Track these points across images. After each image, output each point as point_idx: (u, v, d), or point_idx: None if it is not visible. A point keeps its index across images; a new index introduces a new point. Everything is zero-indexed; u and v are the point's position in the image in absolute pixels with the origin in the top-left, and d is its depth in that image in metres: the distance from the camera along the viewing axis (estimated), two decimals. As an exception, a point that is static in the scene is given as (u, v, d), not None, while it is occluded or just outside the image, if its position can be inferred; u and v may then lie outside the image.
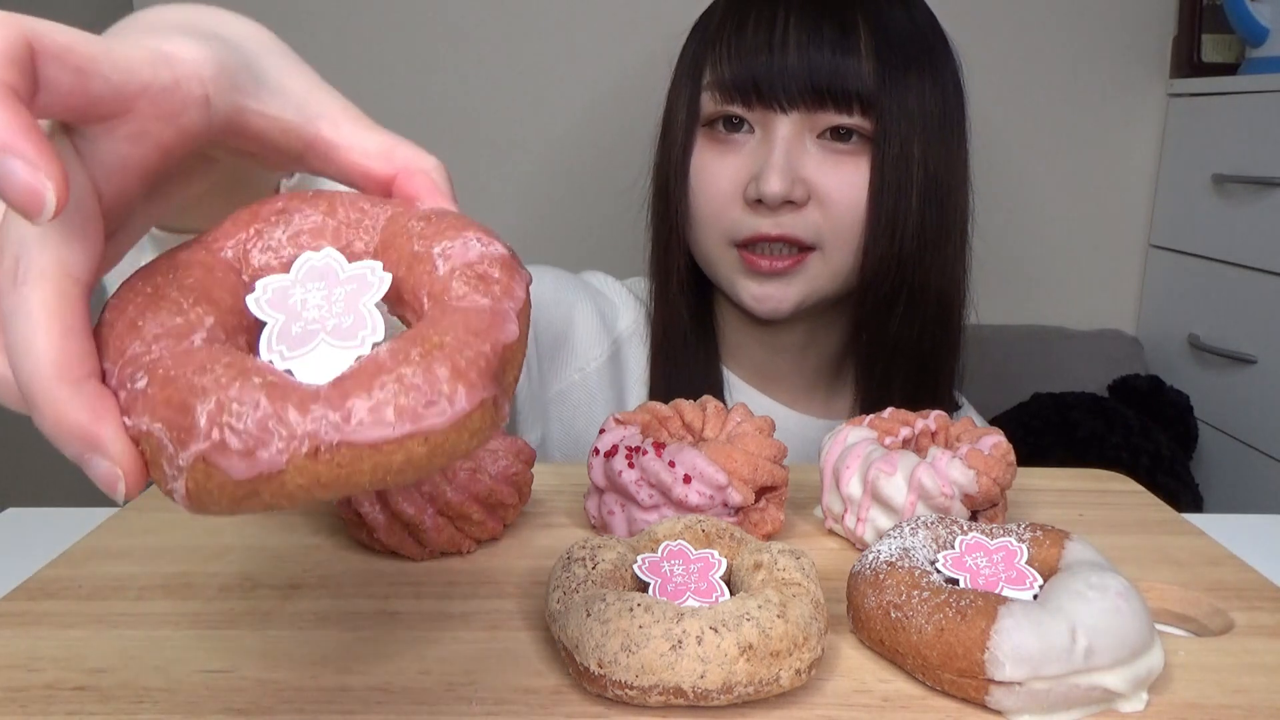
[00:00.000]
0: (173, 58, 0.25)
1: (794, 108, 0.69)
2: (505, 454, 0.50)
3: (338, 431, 0.22)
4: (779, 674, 0.35)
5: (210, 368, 0.23)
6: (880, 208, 0.70)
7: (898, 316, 0.74)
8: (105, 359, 0.24)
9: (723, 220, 0.73)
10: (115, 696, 0.36)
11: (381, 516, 0.47)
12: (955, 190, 0.74)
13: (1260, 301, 1.25)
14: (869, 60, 0.68)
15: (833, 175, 0.70)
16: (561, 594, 0.38)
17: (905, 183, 0.70)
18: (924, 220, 0.71)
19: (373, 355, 0.24)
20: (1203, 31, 1.38)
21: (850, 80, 0.68)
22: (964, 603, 0.37)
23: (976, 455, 0.49)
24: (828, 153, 0.70)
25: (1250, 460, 1.27)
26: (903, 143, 0.70)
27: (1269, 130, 1.22)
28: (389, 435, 0.22)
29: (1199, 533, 0.54)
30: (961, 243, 0.76)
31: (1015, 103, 1.40)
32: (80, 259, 0.23)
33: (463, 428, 0.23)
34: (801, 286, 0.73)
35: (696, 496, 0.47)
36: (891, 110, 0.69)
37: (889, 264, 0.72)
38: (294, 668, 0.38)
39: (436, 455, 0.23)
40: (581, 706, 0.36)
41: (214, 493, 0.22)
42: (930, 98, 0.71)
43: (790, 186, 0.69)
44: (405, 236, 0.27)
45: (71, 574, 0.46)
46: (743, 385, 0.84)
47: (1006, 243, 1.44)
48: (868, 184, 0.70)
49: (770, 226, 0.71)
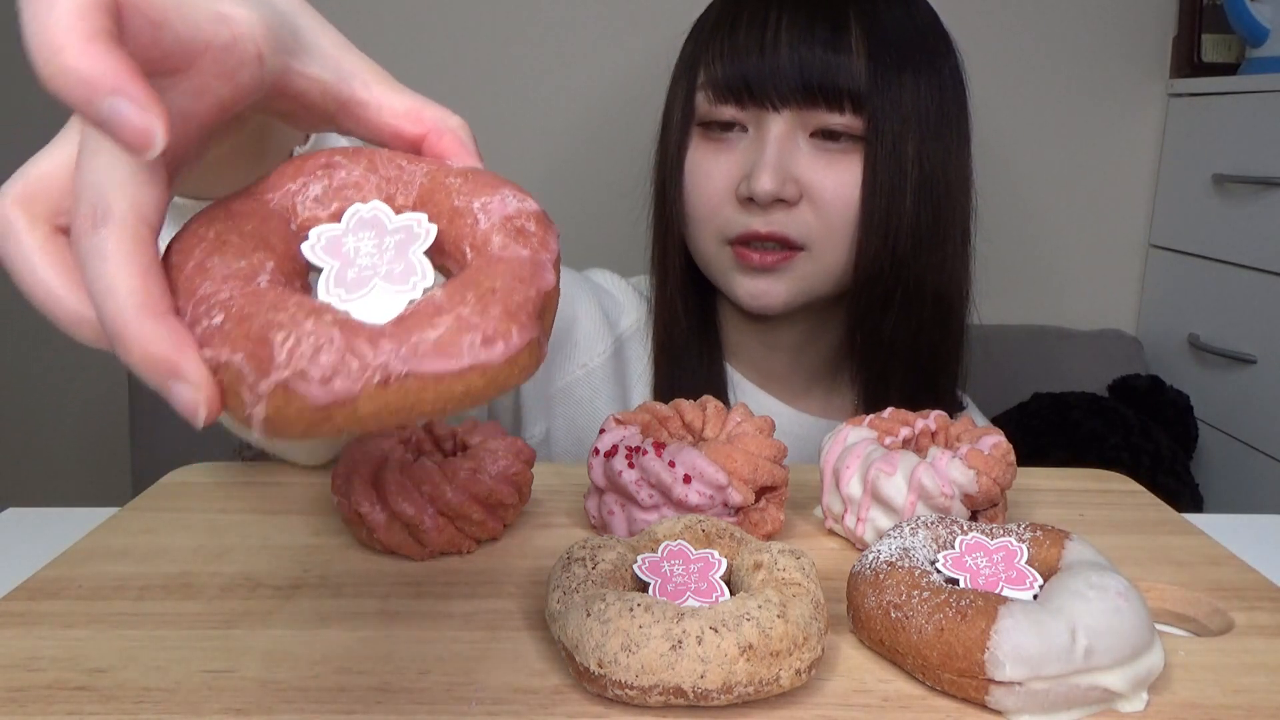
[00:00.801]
0: (229, 17, 0.26)
1: (785, 106, 0.69)
2: (505, 454, 0.50)
3: (405, 364, 0.24)
4: (779, 674, 0.35)
5: (283, 306, 0.25)
6: (872, 207, 0.70)
7: (893, 316, 0.74)
8: (177, 298, 0.26)
9: (717, 218, 0.73)
10: (115, 696, 0.36)
11: (381, 516, 0.47)
12: (955, 189, 0.74)
13: (1260, 301, 1.25)
14: (861, 59, 0.68)
15: (825, 174, 0.70)
16: (561, 594, 0.38)
17: (899, 182, 0.70)
18: (919, 220, 0.71)
19: (429, 298, 0.26)
20: (1203, 31, 1.38)
21: (841, 79, 0.68)
22: (964, 603, 0.37)
23: (976, 455, 0.49)
24: (820, 151, 0.71)
25: (1250, 460, 1.27)
26: (896, 141, 0.69)
27: (1269, 130, 1.22)
28: (451, 368, 0.25)
29: (1199, 533, 0.54)
30: (963, 243, 0.76)
31: (1015, 102, 1.40)
32: (152, 204, 0.25)
33: (514, 364, 0.26)
34: (791, 283, 0.73)
35: (696, 496, 0.47)
36: (884, 109, 0.69)
37: (883, 263, 0.71)
38: (294, 668, 0.38)
39: (490, 388, 0.26)
40: (581, 706, 0.36)
41: (291, 418, 0.25)
42: (926, 96, 0.71)
43: (781, 185, 0.69)
44: (444, 192, 0.30)
45: (71, 574, 0.46)
46: (745, 383, 0.84)
47: (1006, 242, 1.44)
48: (860, 183, 0.70)
49: (761, 224, 0.71)
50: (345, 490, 0.48)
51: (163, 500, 0.56)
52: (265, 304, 0.25)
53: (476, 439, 0.52)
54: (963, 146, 0.75)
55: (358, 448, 0.50)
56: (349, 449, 0.51)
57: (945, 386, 0.79)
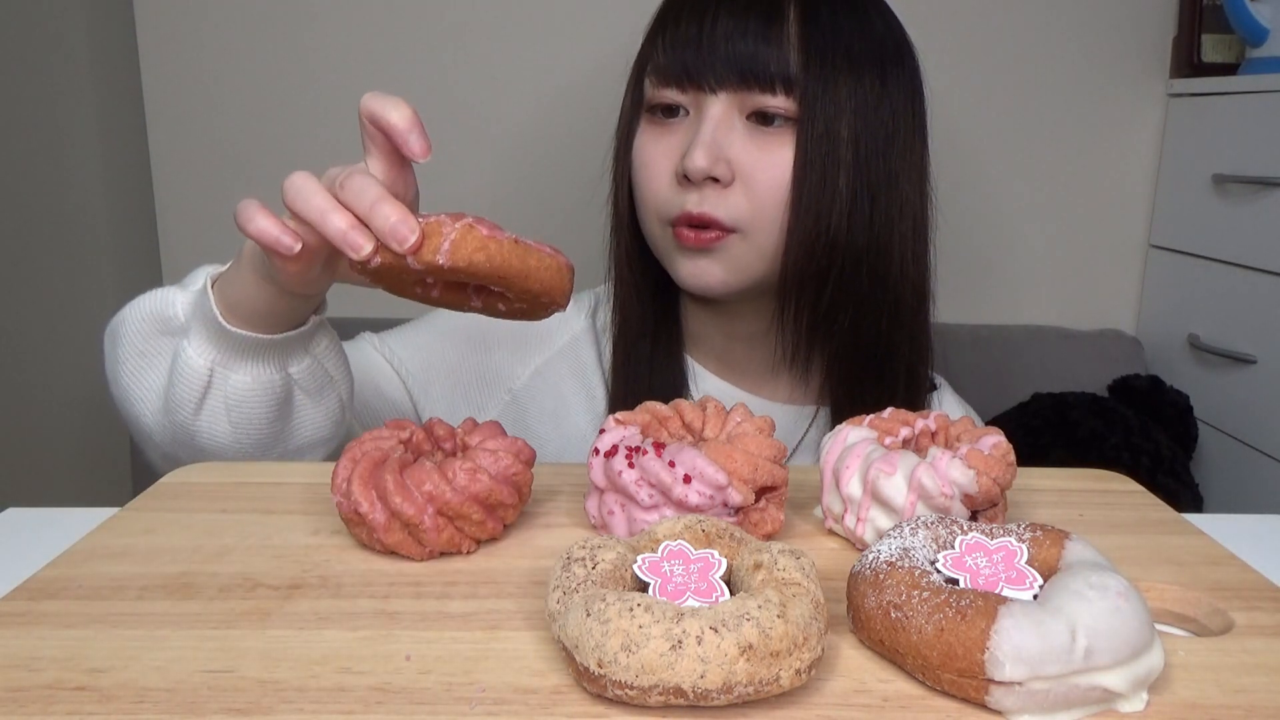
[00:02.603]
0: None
1: (721, 88, 0.71)
2: (505, 454, 0.50)
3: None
4: (779, 674, 0.35)
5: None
6: (803, 185, 0.71)
7: (828, 296, 0.75)
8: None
9: (658, 199, 0.75)
10: (115, 696, 0.36)
11: (381, 516, 0.47)
12: (901, 180, 0.75)
13: (1260, 301, 1.24)
14: (794, 44, 0.71)
15: (758, 155, 0.72)
16: (561, 594, 0.38)
17: (831, 164, 0.71)
18: (855, 204, 0.72)
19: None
20: (1203, 31, 1.38)
21: (773, 61, 0.70)
22: (964, 603, 0.37)
23: (976, 455, 0.49)
24: (755, 133, 0.72)
25: (1250, 460, 1.27)
26: (829, 123, 0.71)
27: (1269, 130, 1.22)
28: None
29: (1199, 533, 0.54)
30: (916, 236, 0.78)
31: (1015, 102, 1.40)
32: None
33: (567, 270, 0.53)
34: (727, 264, 0.75)
35: (696, 496, 0.47)
36: (816, 91, 0.70)
37: (815, 242, 0.72)
38: (294, 668, 0.38)
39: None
40: (581, 706, 0.36)
41: (469, 243, 0.48)
42: (868, 89, 0.72)
43: (713, 163, 0.71)
44: None
45: (71, 574, 0.46)
46: (706, 374, 0.85)
47: (1006, 242, 1.44)
48: (793, 165, 0.72)
49: (694, 204, 0.73)
50: (345, 490, 0.48)
51: (163, 500, 0.56)
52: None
53: (476, 439, 0.52)
54: (913, 143, 0.77)
55: (357, 447, 0.50)
56: (349, 449, 0.51)
57: (897, 374, 0.79)
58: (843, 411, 0.79)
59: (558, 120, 1.37)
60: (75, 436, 1.56)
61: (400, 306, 0.66)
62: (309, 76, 1.34)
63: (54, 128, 1.45)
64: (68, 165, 1.46)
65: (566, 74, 1.36)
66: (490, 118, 1.37)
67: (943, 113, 1.38)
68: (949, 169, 1.39)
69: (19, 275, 1.50)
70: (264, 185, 1.36)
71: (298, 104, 1.35)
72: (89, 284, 1.51)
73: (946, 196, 1.40)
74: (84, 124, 1.45)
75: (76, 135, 1.45)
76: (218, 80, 1.34)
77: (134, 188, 1.46)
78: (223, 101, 1.35)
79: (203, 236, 1.38)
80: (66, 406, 1.55)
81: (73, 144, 1.46)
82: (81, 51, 1.43)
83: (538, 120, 1.37)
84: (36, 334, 1.52)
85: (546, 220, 1.38)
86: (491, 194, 1.39)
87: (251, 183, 1.37)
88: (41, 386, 1.54)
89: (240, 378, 0.62)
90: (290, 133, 1.36)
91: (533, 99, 1.37)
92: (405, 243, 0.47)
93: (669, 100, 0.74)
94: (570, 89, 1.36)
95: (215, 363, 0.62)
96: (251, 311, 0.61)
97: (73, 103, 1.44)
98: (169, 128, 1.35)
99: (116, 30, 1.41)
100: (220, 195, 1.37)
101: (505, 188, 1.39)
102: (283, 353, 0.63)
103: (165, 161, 1.36)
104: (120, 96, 1.43)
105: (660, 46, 0.74)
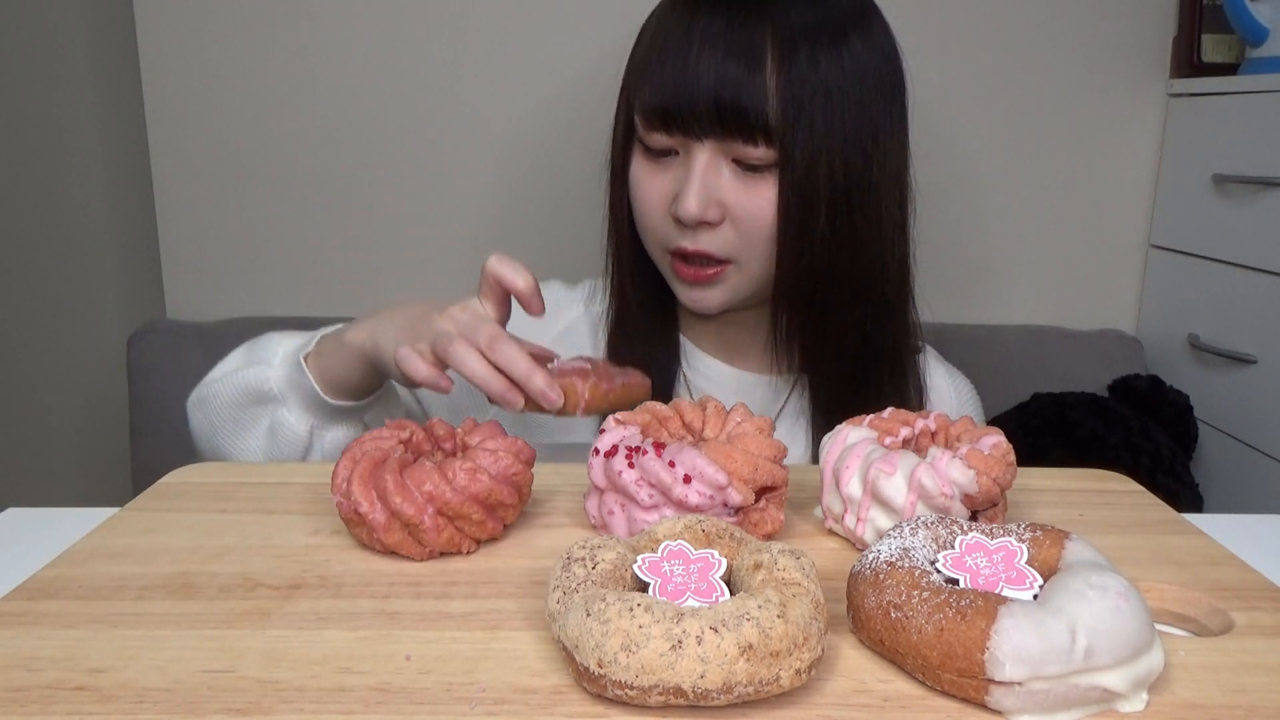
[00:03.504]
0: None
1: (707, 137, 0.74)
2: (505, 454, 0.50)
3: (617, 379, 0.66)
4: (779, 674, 0.35)
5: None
6: (787, 225, 0.75)
7: (818, 309, 0.79)
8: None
9: (657, 231, 0.80)
10: (115, 696, 0.36)
11: (381, 516, 0.47)
12: (880, 189, 0.77)
13: (1260, 301, 1.24)
14: (775, 94, 0.72)
15: (744, 196, 0.75)
16: (561, 594, 0.38)
17: (812, 203, 0.74)
18: (836, 234, 0.76)
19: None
20: (1203, 31, 1.37)
21: (753, 114, 0.72)
22: (964, 603, 0.37)
23: (976, 455, 0.49)
24: (741, 176, 0.76)
25: (1250, 460, 1.27)
26: (809, 167, 0.73)
27: (1269, 130, 1.22)
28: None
29: (1199, 533, 0.54)
30: (897, 236, 0.80)
31: (1015, 102, 1.40)
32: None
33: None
34: (725, 291, 0.80)
35: (696, 496, 0.47)
36: (795, 140, 0.73)
37: (802, 273, 0.77)
38: (294, 668, 0.38)
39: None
40: (581, 706, 0.36)
41: (595, 400, 0.63)
42: (847, 117, 0.74)
43: (704, 209, 0.75)
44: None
45: (71, 574, 0.46)
46: (700, 354, 0.88)
47: (1006, 242, 1.44)
48: (776, 204, 0.75)
49: (689, 243, 0.77)
50: (345, 490, 0.48)
51: (163, 500, 0.56)
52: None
53: (476, 439, 0.52)
54: (892, 145, 0.78)
55: (358, 448, 0.50)
56: (349, 449, 0.51)
57: (886, 360, 0.83)
58: (821, 387, 0.83)
59: (556, 117, 1.37)
60: (75, 436, 1.56)
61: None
62: (309, 76, 1.34)
63: (54, 128, 1.45)
64: (68, 165, 1.46)
65: (564, 72, 1.36)
66: (490, 115, 1.37)
67: (943, 113, 1.39)
68: (948, 169, 1.40)
69: (19, 275, 1.50)
70: (264, 185, 1.37)
71: (298, 104, 1.35)
72: (89, 284, 1.51)
73: (946, 196, 1.41)
74: (84, 124, 1.45)
75: (76, 135, 1.45)
76: (218, 80, 1.34)
77: (134, 188, 1.46)
78: (223, 101, 1.35)
79: (203, 236, 1.38)
80: (66, 406, 1.55)
81: (73, 144, 1.46)
82: (81, 51, 1.43)
83: (537, 117, 1.37)
84: (36, 334, 1.52)
85: (546, 214, 1.39)
86: (492, 190, 1.39)
87: (251, 183, 1.37)
88: (41, 386, 1.54)
89: (334, 434, 0.77)
90: (290, 133, 1.36)
91: (532, 97, 1.37)
92: (553, 406, 0.62)
93: (660, 145, 0.77)
94: (568, 86, 1.36)
95: (314, 426, 0.76)
96: (348, 387, 0.75)
97: (73, 103, 1.44)
98: (169, 128, 1.35)
99: (116, 30, 1.41)
100: (220, 195, 1.37)
101: (505, 183, 1.39)
102: (364, 409, 0.78)
103: (165, 161, 1.36)
104: (120, 96, 1.43)
105: (646, 88, 0.76)
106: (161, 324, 1.33)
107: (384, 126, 1.36)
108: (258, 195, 1.37)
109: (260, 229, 1.38)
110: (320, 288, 1.41)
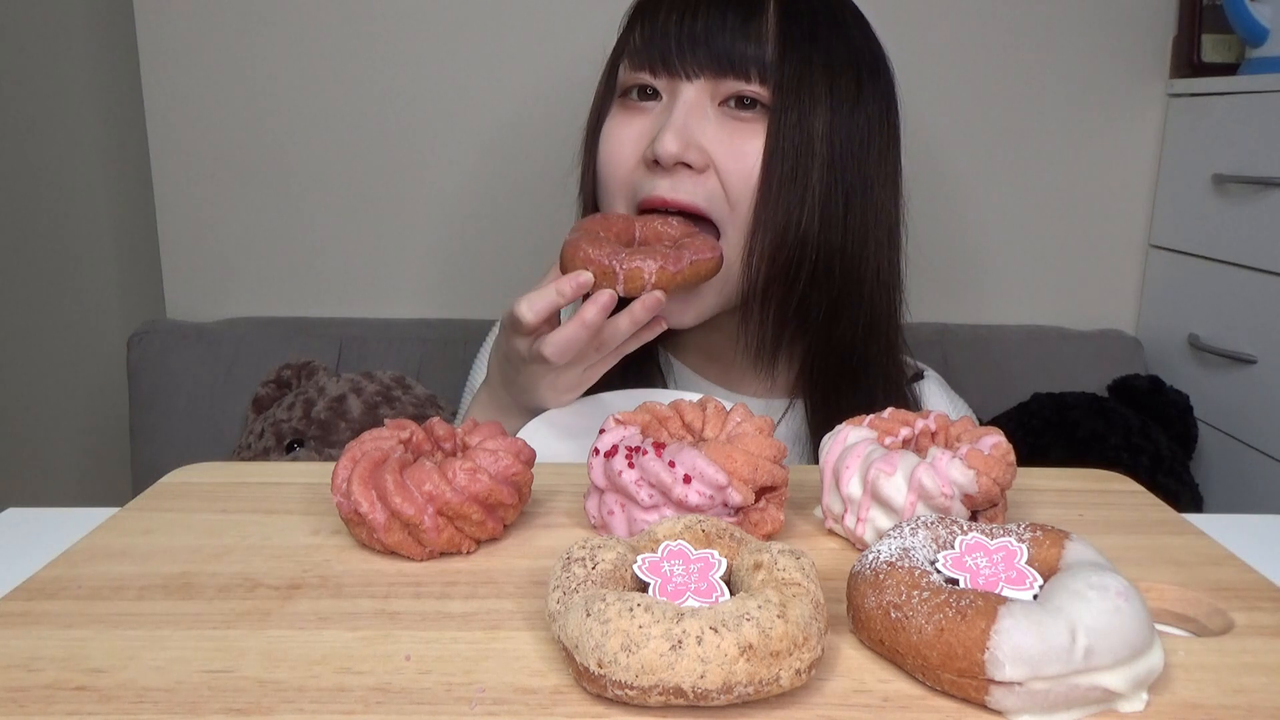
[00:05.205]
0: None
1: (697, 75, 0.71)
2: (505, 454, 0.50)
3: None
4: (779, 674, 0.35)
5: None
6: (773, 173, 0.71)
7: (798, 294, 0.74)
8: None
9: (626, 183, 0.75)
10: (115, 696, 0.36)
11: (381, 516, 0.47)
12: (875, 184, 0.75)
13: (1260, 301, 1.24)
14: (772, 36, 0.71)
15: (730, 142, 0.72)
16: (561, 594, 0.38)
17: (804, 156, 0.71)
18: (829, 199, 0.72)
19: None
20: (1203, 31, 1.37)
21: (751, 49, 0.70)
22: (964, 603, 0.37)
23: (976, 455, 0.49)
24: (727, 120, 0.72)
25: (1250, 460, 1.27)
26: (802, 115, 0.71)
27: (1269, 130, 1.22)
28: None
29: (1199, 533, 0.54)
30: (890, 242, 0.77)
31: (1015, 102, 1.40)
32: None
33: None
34: (697, 305, 0.74)
35: (696, 496, 0.47)
36: (791, 80, 0.71)
37: (786, 236, 0.72)
38: (294, 668, 0.38)
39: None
40: (581, 706, 0.36)
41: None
42: (844, 92, 0.73)
43: (684, 148, 0.70)
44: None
45: (71, 574, 0.46)
46: (687, 372, 0.85)
47: (1006, 243, 1.44)
48: (763, 156, 0.71)
49: (667, 189, 0.72)
50: (345, 490, 0.48)
51: (163, 500, 0.56)
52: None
53: (476, 439, 0.52)
54: (888, 154, 0.76)
55: (357, 447, 0.50)
56: (349, 449, 0.51)
57: (878, 374, 0.79)
58: (817, 410, 0.79)
59: (556, 119, 1.37)
60: (75, 436, 1.56)
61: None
62: (309, 77, 1.34)
63: (54, 128, 1.45)
64: (68, 166, 1.46)
65: (565, 74, 1.36)
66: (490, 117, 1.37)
67: (943, 113, 1.39)
68: (948, 169, 1.40)
69: (19, 275, 1.50)
70: (264, 185, 1.37)
71: (297, 105, 1.35)
72: (89, 284, 1.51)
73: (946, 196, 1.41)
74: (84, 124, 1.45)
75: (76, 135, 1.45)
76: (218, 80, 1.34)
77: (134, 188, 1.46)
78: (223, 101, 1.35)
79: (203, 237, 1.38)
80: (66, 406, 1.55)
81: (73, 144, 1.46)
82: (81, 51, 1.43)
83: (538, 120, 1.37)
84: (36, 334, 1.52)
85: (526, 212, 1.39)
86: (492, 191, 1.39)
87: (251, 183, 1.37)
88: (41, 386, 1.54)
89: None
90: (290, 133, 1.36)
91: (533, 99, 1.37)
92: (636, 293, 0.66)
93: (642, 82, 0.74)
94: (569, 89, 1.36)
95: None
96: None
97: (73, 103, 1.44)
98: (169, 128, 1.35)
99: (116, 30, 1.41)
100: (220, 195, 1.37)
101: (505, 185, 1.39)
102: None
103: (165, 161, 1.36)
104: (120, 96, 1.43)
105: (638, 34, 0.74)
106: (161, 324, 1.33)
107: (384, 127, 1.36)
108: (257, 195, 1.37)
109: (260, 229, 1.38)
110: (320, 288, 1.41)
